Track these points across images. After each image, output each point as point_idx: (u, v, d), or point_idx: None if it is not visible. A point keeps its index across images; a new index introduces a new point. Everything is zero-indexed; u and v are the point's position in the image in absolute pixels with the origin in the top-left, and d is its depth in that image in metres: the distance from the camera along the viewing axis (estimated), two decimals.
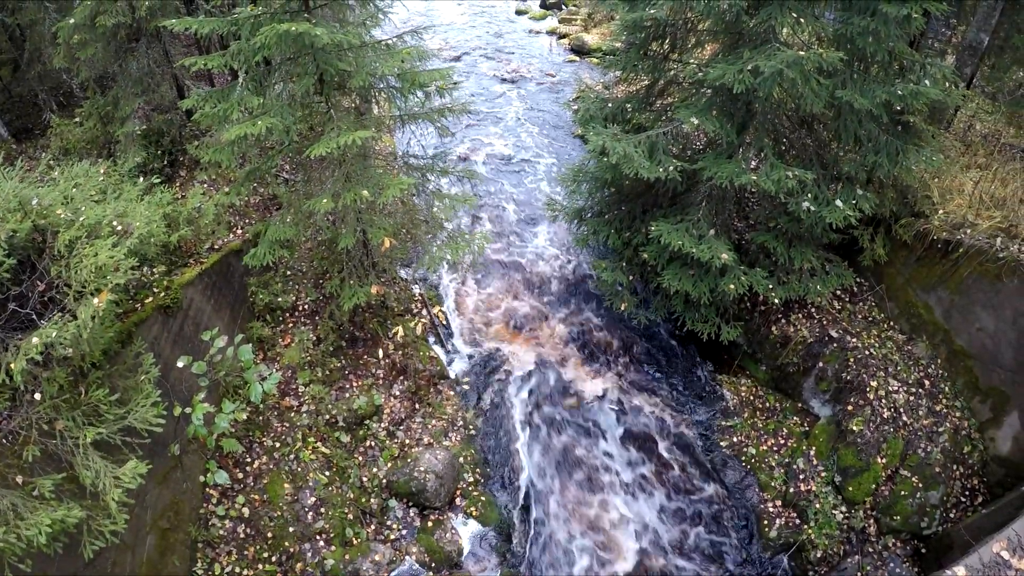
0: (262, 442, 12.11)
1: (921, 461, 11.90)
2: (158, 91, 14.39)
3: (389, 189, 11.00)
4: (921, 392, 12.63)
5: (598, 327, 16.36)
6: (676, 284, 13.39)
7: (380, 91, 12.24)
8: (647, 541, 12.49)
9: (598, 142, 12.54)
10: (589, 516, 12.79)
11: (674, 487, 13.29)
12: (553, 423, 14.22)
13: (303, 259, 14.61)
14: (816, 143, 13.74)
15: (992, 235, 12.22)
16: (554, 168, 21.61)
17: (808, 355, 13.94)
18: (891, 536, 11.90)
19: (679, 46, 14.33)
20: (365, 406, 13.21)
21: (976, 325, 12.25)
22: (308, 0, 10.54)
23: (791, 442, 13.49)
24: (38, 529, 6.76)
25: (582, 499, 13.02)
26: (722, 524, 12.80)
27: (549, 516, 12.75)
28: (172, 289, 10.73)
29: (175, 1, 13.42)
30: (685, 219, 13.29)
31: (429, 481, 12.36)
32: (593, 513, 12.83)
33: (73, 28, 12.62)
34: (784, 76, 10.86)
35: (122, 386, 8.63)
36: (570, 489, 13.15)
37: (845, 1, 11.80)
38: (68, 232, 7.66)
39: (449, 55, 29.55)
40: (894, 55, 12.07)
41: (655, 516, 12.83)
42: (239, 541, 10.82)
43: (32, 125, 16.83)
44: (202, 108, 10.71)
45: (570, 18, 33.65)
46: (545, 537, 12.49)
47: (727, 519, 12.88)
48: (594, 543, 12.43)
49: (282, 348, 13.44)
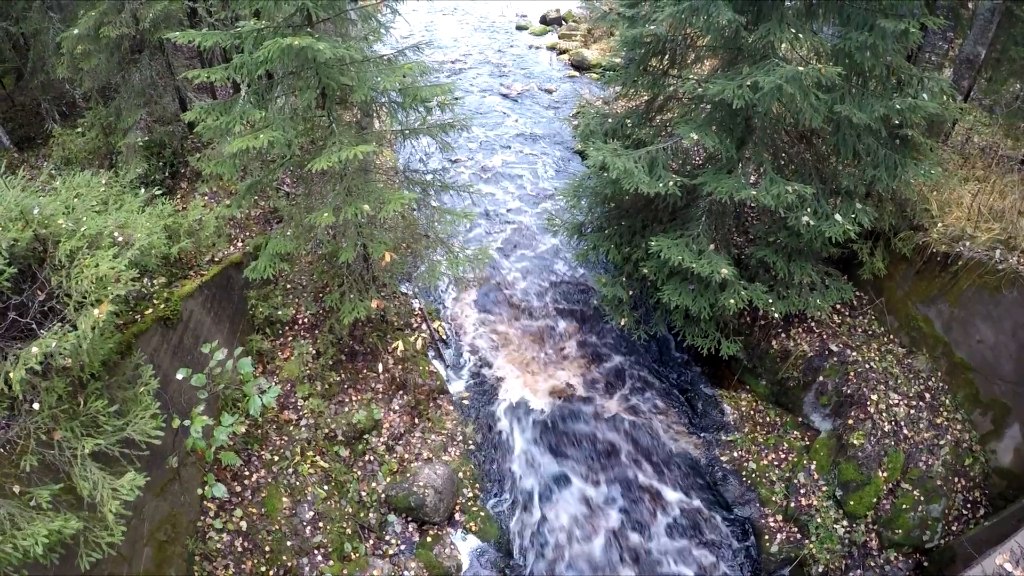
0: (260, 455, 12.05)
1: (922, 474, 11.85)
2: (160, 103, 14.47)
3: (390, 203, 11.02)
4: (922, 405, 12.60)
5: (597, 341, 16.35)
6: (676, 299, 13.39)
7: (381, 105, 12.31)
8: (645, 557, 12.40)
9: (598, 157, 12.58)
10: (588, 532, 12.70)
11: (673, 502, 13.20)
12: (552, 437, 14.16)
13: (303, 272, 14.62)
14: (815, 157, 13.80)
15: (991, 247, 12.25)
16: (554, 183, 21.67)
17: (808, 369, 13.92)
18: (893, 550, 11.83)
19: (678, 62, 14.43)
20: (364, 420, 13.16)
21: (976, 337, 12.24)
22: (311, 14, 10.60)
23: (792, 456, 13.44)
24: (35, 539, 6.69)
25: (581, 513, 12.93)
26: (722, 540, 12.71)
27: (548, 532, 12.66)
28: (172, 301, 10.71)
29: (178, 13, 13.50)
30: (685, 234, 13.31)
31: (428, 496, 12.29)
32: (592, 528, 12.74)
33: (77, 38, 12.71)
34: (783, 91, 10.92)
35: (121, 397, 8.59)
36: (569, 503, 13.06)
37: (843, 16, 11.90)
38: (69, 242, 7.66)
39: (450, 70, 29.73)
40: (892, 69, 12.17)
41: (654, 531, 12.74)
42: (236, 555, 10.73)
43: (34, 134, 16.91)
44: (204, 121, 10.75)
45: (570, 34, 33.91)
46: (545, 553, 12.40)
47: (727, 535, 12.79)
48: (593, 560, 12.34)
49: (281, 361, 13.41)
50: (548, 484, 13.35)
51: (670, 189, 12.37)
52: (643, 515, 12.92)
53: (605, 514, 12.90)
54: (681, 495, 13.29)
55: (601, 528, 12.70)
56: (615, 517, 12.86)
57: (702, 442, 14.28)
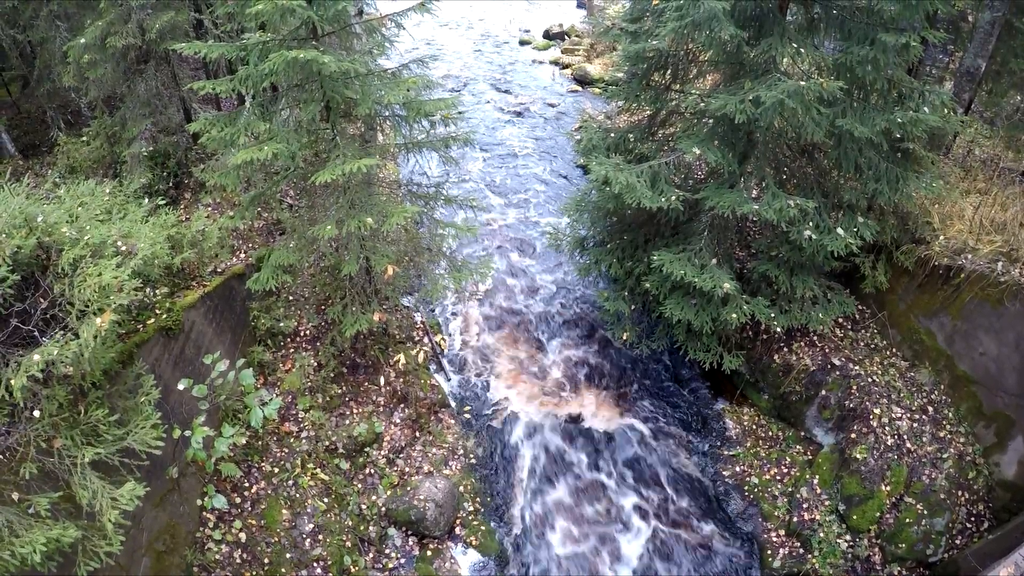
0: (261, 467, 12.01)
1: (926, 488, 11.79)
2: (165, 113, 14.53)
3: (393, 217, 11.04)
4: (925, 419, 12.56)
5: (599, 355, 16.31)
6: (678, 313, 13.38)
7: (385, 119, 12.36)
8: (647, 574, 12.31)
9: (601, 172, 12.61)
10: (589, 547, 12.61)
11: (675, 518, 13.12)
12: (553, 452, 14.10)
13: (305, 285, 14.63)
14: (817, 171, 13.83)
15: (993, 260, 12.25)
16: (556, 197, 21.72)
17: (811, 383, 13.88)
18: (896, 564, 11.75)
19: (681, 76, 14.51)
20: (365, 433, 13.13)
21: (979, 350, 12.22)
22: (316, 28, 10.68)
23: (794, 471, 13.37)
24: (33, 547, 6.66)
25: (582, 529, 12.86)
26: (725, 554, 12.62)
27: (549, 546, 12.59)
28: (174, 311, 10.72)
29: (184, 25, 13.59)
30: (687, 248, 13.32)
31: (429, 510, 12.23)
32: (593, 545, 12.66)
33: (83, 48, 12.78)
34: (785, 106, 10.97)
35: (122, 407, 8.58)
36: (570, 518, 12.99)
37: (844, 30, 11.98)
38: (72, 250, 7.67)
39: (453, 84, 29.90)
40: (893, 83, 12.22)
41: (654, 547, 12.65)
42: (235, 566, 10.67)
43: (39, 142, 16.98)
44: (209, 132, 10.81)
45: (573, 48, 34.08)
46: (545, 568, 12.32)
47: (730, 549, 12.70)
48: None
49: (283, 373, 13.40)
50: (549, 498, 13.28)
51: (672, 204, 12.39)
52: (644, 531, 12.84)
53: (605, 529, 12.83)
54: (683, 510, 13.21)
55: (601, 543, 12.63)
56: (615, 532, 12.79)
57: (704, 457, 14.21)
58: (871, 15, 11.73)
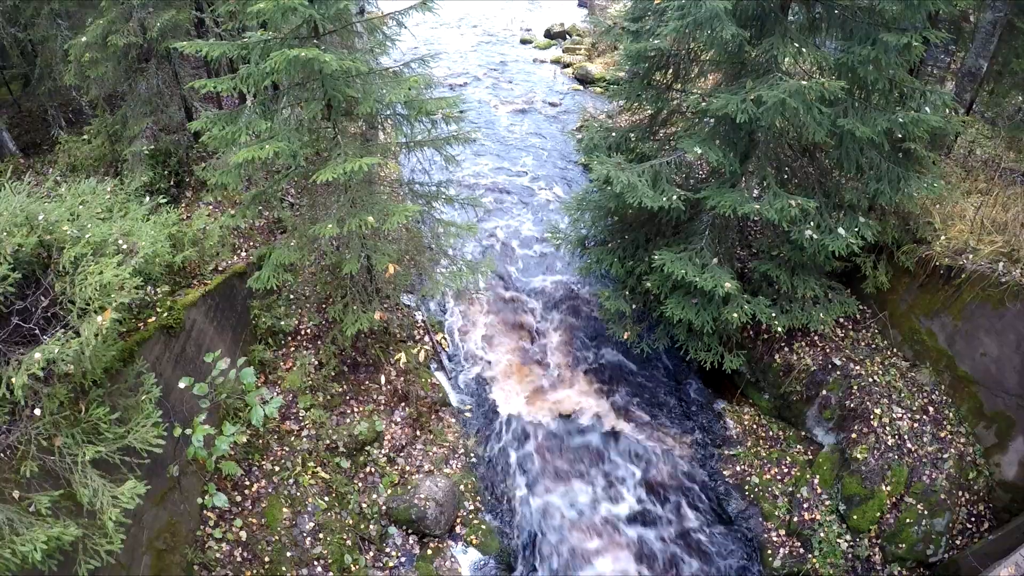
0: (261, 466, 12.01)
1: (926, 488, 11.78)
2: (166, 112, 14.51)
3: (394, 216, 11.04)
4: (925, 419, 12.55)
5: (600, 354, 16.31)
6: (679, 313, 13.38)
7: (387, 118, 12.35)
8: (647, 573, 12.31)
9: (602, 171, 12.61)
10: (590, 547, 12.62)
11: (675, 517, 13.13)
12: (554, 450, 14.11)
13: (306, 283, 14.62)
14: (818, 171, 13.83)
15: (994, 260, 12.25)
16: (557, 196, 21.71)
17: (811, 383, 13.88)
18: (897, 564, 11.74)
19: (682, 76, 14.51)
20: (366, 432, 13.13)
21: (980, 351, 12.21)
22: (317, 26, 10.67)
23: (795, 471, 13.37)
24: (33, 545, 6.66)
25: (583, 528, 12.86)
26: (724, 555, 12.62)
27: (550, 545, 12.59)
28: (175, 309, 10.72)
29: (186, 24, 13.57)
30: (688, 248, 13.33)
31: (429, 508, 12.23)
32: (594, 545, 12.66)
33: (85, 46, 12.75)
34: (786, 105, 10.97)
35: (123, 405, 8.57)
36: (570, 518, 13.00)
37: (846, 30, 11.98)
38: (73, 249, 7.67)
39: (455, 82, 29.88)
40: (894, 83, 12.22)
41: (655, 547, 12.65)
42: (236, 565, 10.67)
43: (40, 140, 16.94)
44: (210, 130, 10.80)
45: (574, 48, 34.02)
46: (546, 567, 12.32)
47: (730, 549, 12.70)
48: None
49: (284, 372, 13.39)
50: (549, 498, 13.28)
51: (673, 203, 12.39)
52: (644, 530, 12.85)
53: (606, 529, 12.83)
54: (683, 509, 13.21)
55: (602, 543, 12.63)
56: (616, 532, 12.79)
57: (704, 456, 14.21)
58: (873, 15, 11.72)
